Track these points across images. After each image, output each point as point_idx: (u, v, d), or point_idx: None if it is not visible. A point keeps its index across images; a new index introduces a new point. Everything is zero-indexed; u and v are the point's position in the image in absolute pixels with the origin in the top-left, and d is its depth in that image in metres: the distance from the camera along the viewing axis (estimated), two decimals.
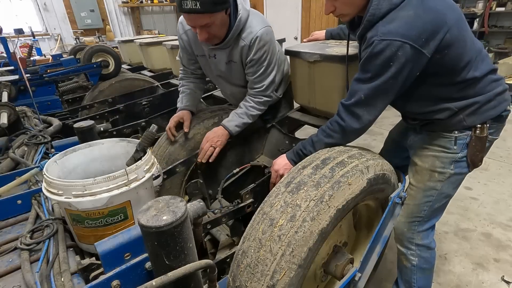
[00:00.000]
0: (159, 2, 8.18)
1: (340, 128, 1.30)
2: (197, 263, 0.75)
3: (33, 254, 1.02)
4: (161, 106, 2.80)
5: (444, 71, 1.19)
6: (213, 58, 1.71)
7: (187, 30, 1.72)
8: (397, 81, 1.16)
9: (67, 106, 3.09)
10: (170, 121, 1.82)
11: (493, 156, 3.39)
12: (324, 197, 1.04)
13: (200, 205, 0.95)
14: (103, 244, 0.87)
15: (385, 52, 1.10)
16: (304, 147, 1.39)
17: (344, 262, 1.29)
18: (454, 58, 1.15)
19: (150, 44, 3.65)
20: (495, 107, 1.26)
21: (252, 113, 1.77)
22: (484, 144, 1.29)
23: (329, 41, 2.00)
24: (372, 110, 1.24)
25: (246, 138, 1.91)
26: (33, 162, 1.54)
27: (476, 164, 1.32)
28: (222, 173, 1.80)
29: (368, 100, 1.22)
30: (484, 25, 6.80)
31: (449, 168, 1.34)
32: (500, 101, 1.26)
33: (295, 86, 2.01)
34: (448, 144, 1.32)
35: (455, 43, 1.12)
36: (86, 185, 1.01)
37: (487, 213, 2.50)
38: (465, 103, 1.24)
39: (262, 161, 1.98)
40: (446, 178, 1.36)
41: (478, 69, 1.21)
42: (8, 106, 1.88)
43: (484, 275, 1.95)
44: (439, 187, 1.38)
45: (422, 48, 1.08)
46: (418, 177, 1.42)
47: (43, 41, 6.95)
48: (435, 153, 1.36)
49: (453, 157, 1.33)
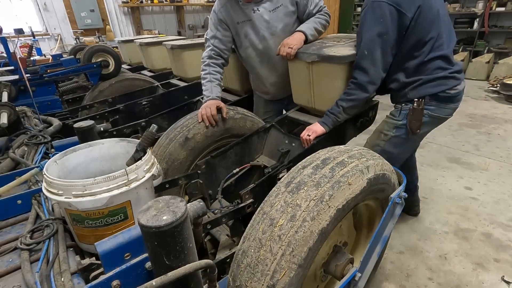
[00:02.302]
0: (159, 2, 8.17)
1: (356, 85, 1.63)
2: (197, 263, 0.75)
3: (33, 254, 1.02)
4: (161, 106, 2.80)
5: (412, 41, 1.54)
6: (257, 11, 1.91)
7: (226, 2, 1.94)
8: (389, 36, 1.52)
9: (67, 106, 3.09)
10: (207, 109, 1.84)
11: (493, 156, 3.39)
12: (324, 197, 1.04)
13: (200, 205, 0.95)
14: (103, 244, 0.87)
15: (376, 11, 1.50)
16: (332, 110, 1.72)
17: (344, 262, 1.29)
18: (423, 30, 1.51)
19: (150, 44, 3.65)
20: (434, 87, 1.60)
21: (320, 20, 1.96)
22: (420, 115, 1.65)
23: (327, 39, 2.00)
24: (375, 62, 1.57)
25: (246, 138, 1.92)
26: (33, 162, 1.54)
27: (413, 130, 1.69)
28: (222, 173, 1.80)
29: (369, 53, 1.55)
30: (484, 25, 6.80)
31: (391, 131, 1.77)
32: (440, 83, 1.60)
33: (294, 86, 2.01)
34: (395, 113, 1.76)
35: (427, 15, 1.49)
36: (86, 185, 1.01)
37: (487, 213, 2.50)
38: (412, 79, 1.63)
39: (262, 161, 1.98)
40: (388, 139, 1.79)
41: (433, 51, 1.55)
42: (8, 106, 1.88)
43: (484, 275, 1.95)
44: (382, 145, 1.81)
45: (404, 10, 1.47)
46: (372, 136, 1.90)
47: (43, 41, 6.95)
48: (386, 119, 1.82)
49: (396, 123, 1.75)
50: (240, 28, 1.97)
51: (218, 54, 2.03)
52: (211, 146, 1.92)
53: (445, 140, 3.79)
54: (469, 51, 7.00)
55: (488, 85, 5.74)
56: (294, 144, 1.90)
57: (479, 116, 4.55)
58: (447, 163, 3.32)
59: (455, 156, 3.44)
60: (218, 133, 1.91)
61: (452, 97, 1.64)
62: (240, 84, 2.57)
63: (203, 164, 1.71)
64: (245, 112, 2.07)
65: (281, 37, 1.92)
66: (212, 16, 2.01)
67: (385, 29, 1.51)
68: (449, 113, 1.72)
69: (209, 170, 1.75)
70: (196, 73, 3.16)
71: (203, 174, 1.74)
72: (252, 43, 2.00)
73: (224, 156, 1.81)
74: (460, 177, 3.04)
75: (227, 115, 1.92)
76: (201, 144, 1.86)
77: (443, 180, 3.00)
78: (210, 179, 1.76)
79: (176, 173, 1.81)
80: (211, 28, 2.03)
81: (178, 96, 2.98)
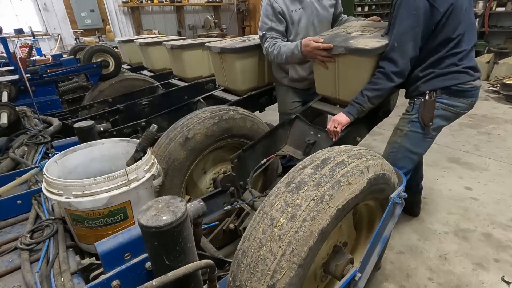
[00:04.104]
0: (159, 2, 8.18)
1: (382, 74, 1.64)
2: (197, 263, 0.76)
3: (33, 254, 1.02)
4: (161, 106, 2.80)
5: (441, 38, 1.57)
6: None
7: None
8: (420, 30, 1.53)
9: (67, 106, 3.10)
10: (313, 43, 1.85)
11: (493, 156, 3.39)
12: (325, 196, 1.04)
13: (200, 205, 0.95)
14: (103, 244, 0.87)
15: (409, 3, 1.52)
16: (357, 100, 1.74)
17: (344, 262, 1.29)
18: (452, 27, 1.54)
19: (150, 44, 3.65)
20: (445, 80, 1.63)
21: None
22: (432, 107, 1.68)
23: (350, 29, 2.02)
24: (404, 54, 1.59)
25: (272, 131, 2.01)
26: (33, 162, 1.54)
27: (426, 122, 1.72)
28: (251, 165, 1.87)
29: (399, 45, 1.57)
30: (484, 25, 6.80)
31: (406, 126, 1.80)
32: (452, 77, 1.62)
33: (318, 77, 2.05)
34: (409, 108, 1.80)
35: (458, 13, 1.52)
36: (86, 185, 1.01)
37: (487, 213, 2.50)
38: (425, 73, 1.66)
39: (286, 151, 2.07)
40: (404, 134, 1.82)
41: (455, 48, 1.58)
42: (8, 106, 1.88)
43: (484, 276, 1.95)
44: (399, 141, 1.84)
45: (437, 5, 1.49)
46: (391, 135, 1.93)
47: (43, 41, 6.95)
48: (402, 116, 1.86)
49: (409, 118, 1.79)
50: (294, 16, 2.15)
51: (282, 36, 2.20)
52: (211, 146, 1.92)
53: (445, 140, 3.79)
54: None
55: (488, 85, 5.74)
56: (319, 135, 1.95)
57: (479, 116, 4.55)
58: (447, 163, 3.32)
59: (455, 156, 3.44)
60: (218, 133, 1.91)
61: (465, 91, 1.65)
62: (240, 84, 2.57)
63: (236, 158, 1.77)
64: (245, 112, 2.07)
65: (325, 26, 2.27)
66: (265, 9, 2.15)
67: (417, 22, 1.53)
68: (464, 108, 1.73)
69: (240, 163, 1.81)
70: (196, 73, 3.17)
71: (236, 167, 1.80)
72: (303, 29, 2.19)
73: (253, 149, 1.88)
74: (460, 177, 3.04)
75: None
76: (201, 144, 1.86)
77: (443, 180, 3.00)
78: (241, 171, 1.83)
79: (176, 173, 1.81)
80: (265, 21, 2.16)
81: (178, 96, 2.99)
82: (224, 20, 10.03)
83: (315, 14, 2.20)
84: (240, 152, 1.79)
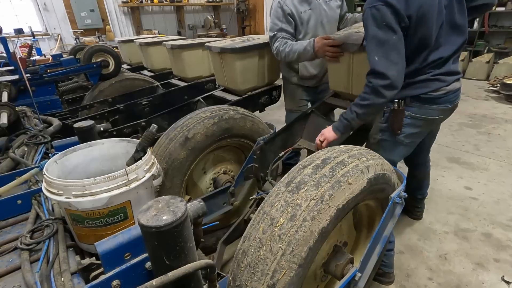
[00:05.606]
0: (159, 2, 8.18)
1: (370, 89, 1.52)
2: (197, 263, 0.75)
3: (33, 254, 1.02)
4: (161, 106, 2.80)
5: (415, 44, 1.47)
6: (316, 0, 2.26)
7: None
8: (397, 35, 1.41)
9: (67, 106, 3.10)
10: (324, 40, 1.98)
11: (493, 156, 3.39)
12: (325, 196, 1.04)
13: (200, 205, 0.94)
14: (103, 244, 0.87)
15: (375, 15, 1.40)
16: (345, 116, 1.67)
17: (344, 262, 1.29)
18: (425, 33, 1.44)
19: (150, 44, 3.66)
20: (414, 89, 1.58)
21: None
22: (400, 116, 1.65)
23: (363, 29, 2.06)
24: (391, 65, 1.44)
25: (289, 125, 2.15)
26: (33, 162, 1.54)
27: (394, 131, 1.70)
28: (271, 157, 1.99)
29: (382, 58, 1.44)
30: (484, 25, 6.79)
31: (378, 134, 1.80)
32: (420, 86, 1.57)
33: (332, 73, 2.17)
34: (380, 117, 1.78)
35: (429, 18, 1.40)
36: (86, 185, 1.01)
37: (487, 213, 2.50)
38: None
39: (302, 144, 2.22)
40: (376, 142, 1.82)
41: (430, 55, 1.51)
42: (8, 106, 1.88)
43: (484, 275, 1.95)
44: (372, 149, 1.69)
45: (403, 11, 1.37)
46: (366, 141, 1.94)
47: (43, 41, 6.95)
48: (375, 123, 1.86)
49: (380, 126, 1.77)
50: (303, 16, 2.24)
51: (291, 36, 2.29)
52: (211, 146, 1.92)
53: (445, 140, 3.79)
54: (469, 51, 7.00)
55: (488, 85, 5.74)
56: None
57: (479, 116, 4.55)
58: (447, 163, 3.32)
59: (455, 156, 3.44)
60: (218, 133, 1.91)
61: (436, 98, 1.59)
62: (240, 84, 2.57)
63: (258, 150, 1.88)
64: (245, 112, 2.07)
65: (333, 25, 2.38)
66: (275, 11, 2.24)
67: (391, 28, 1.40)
68: (436, 114, 1.65)
69: (261, 155, 1.91)
70: (196, 73, 3.17)
71: (258, 158, 1.90)
72: (312, 29, 2.29)
73: (273, 142, 2.00)
74: (460, 177, 3.04)
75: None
76: (201, 144, 1.86)
77: (443, 180, 3.00)
78: (262, 162, 1.94)
79: (176, 173, 1.81)
80: (275, 23, 2.24)
81: (178, 96, 2.99)
82: (224, 20, 10.03)
83: (323, 15, 2.30)
84: (262, 144, 1.90)
